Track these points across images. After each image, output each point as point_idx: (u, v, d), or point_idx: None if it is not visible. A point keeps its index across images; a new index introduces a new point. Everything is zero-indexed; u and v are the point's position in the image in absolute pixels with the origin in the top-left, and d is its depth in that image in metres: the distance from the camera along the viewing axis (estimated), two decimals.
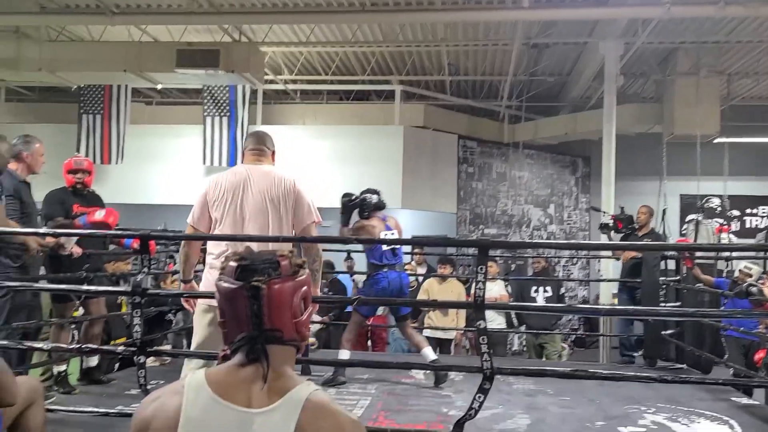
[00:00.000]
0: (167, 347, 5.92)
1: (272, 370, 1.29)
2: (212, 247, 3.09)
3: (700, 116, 9.20)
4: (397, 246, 4.95)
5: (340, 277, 7.88)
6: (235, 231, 3.01)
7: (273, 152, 3.27)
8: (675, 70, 9.59)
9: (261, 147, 3.20)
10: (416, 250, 7.60)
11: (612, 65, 8.52)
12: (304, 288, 1.38)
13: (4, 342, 3.57)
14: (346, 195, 4.90)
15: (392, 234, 4.81)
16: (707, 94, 9.30)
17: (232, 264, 1.36)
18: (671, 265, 6.19)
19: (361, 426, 1.30)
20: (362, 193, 4.88)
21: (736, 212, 11.48)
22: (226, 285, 1.34)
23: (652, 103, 10.59)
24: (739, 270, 5.70)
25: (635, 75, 10.52)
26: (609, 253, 7.17)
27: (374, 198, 4.80)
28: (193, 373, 1.32)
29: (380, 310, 6.97)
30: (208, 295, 2.83)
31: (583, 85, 10.52)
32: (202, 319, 3.05)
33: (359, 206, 4.81)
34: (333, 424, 1.25)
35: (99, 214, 4.36)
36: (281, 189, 3.05)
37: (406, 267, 6.72)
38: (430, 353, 4.85)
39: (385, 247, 4.81)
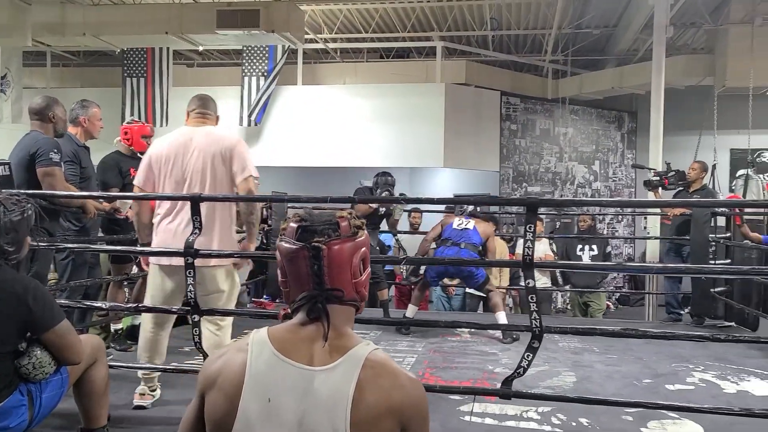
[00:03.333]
0: None
1: (333, 329, 1.30)
2: (158, 206, 3.24)
3: (754, 68, 8.82)
4: (469, 228, 5.28)
5: (382, 237, 7.93)
6: (178, 189, 3.15)
7: (217, 117, 3.39)
8: (728, 19, 9.17)
9: (205, 110, 3.32)
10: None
11: (661, 15, 8.17)
12: (363, 249, 1.38)
13: (66, 301, 3.71)
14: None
15: (466, 227, 5.29)
16: (762, 44, 8.86)
17: (293, 225, 1.35)
18: (721, 222, 6.06)
19: (420, 384, 1.31)
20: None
21: None
22: (287, 245, 1.34)
23: (703, 55, 10.20)
24: None
25: (685, 25, 10.08)
26: (657, 210, 7.03)
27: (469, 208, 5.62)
28: (256, 330, 1.34)
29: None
30: (269, 257, 2.92)
31: (630, 37, 10.15)
32: (154, 278, 3.27)
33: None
34: (392, 382, 1.25)
35: None
36: (220, 146, 3.16)
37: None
38: (502, 317, 5.08)
39: (455, 225, 5.34)
